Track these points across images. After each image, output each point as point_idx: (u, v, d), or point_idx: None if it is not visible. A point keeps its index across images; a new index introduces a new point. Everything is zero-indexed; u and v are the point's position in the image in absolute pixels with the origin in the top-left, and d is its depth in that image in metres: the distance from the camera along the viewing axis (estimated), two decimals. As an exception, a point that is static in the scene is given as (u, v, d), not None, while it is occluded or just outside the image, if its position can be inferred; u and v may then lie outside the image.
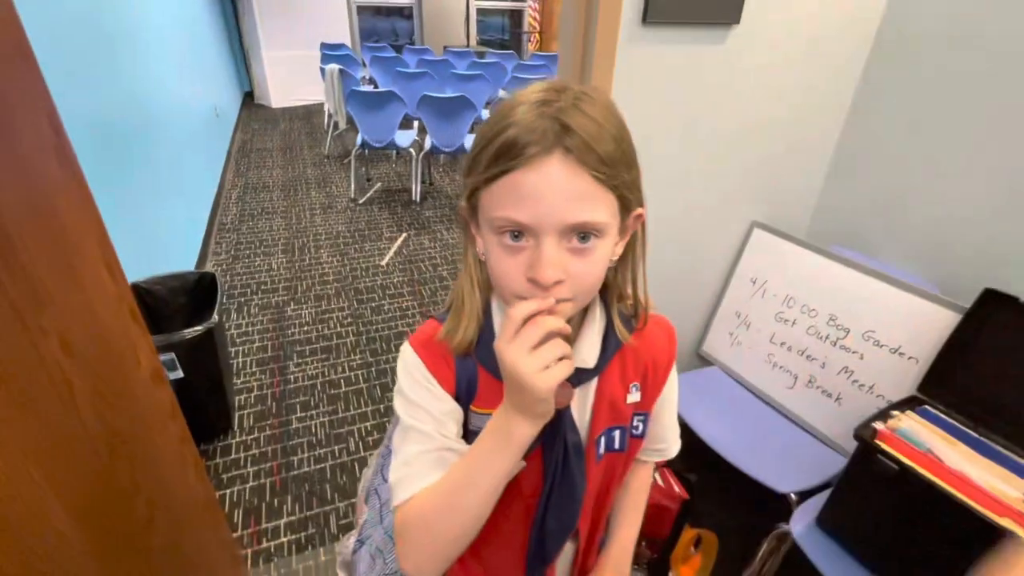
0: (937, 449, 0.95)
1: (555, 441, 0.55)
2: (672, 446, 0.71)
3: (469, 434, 0.57)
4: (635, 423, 0.62)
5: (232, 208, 3.64)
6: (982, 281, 1.07)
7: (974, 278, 1.10)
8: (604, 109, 0.46)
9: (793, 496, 1.19)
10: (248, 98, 6.77)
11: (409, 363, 0.57)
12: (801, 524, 1.11)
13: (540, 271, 0.45)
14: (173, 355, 1.55)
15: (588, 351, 0.56)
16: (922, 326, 1.14)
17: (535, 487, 0.58)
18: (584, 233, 0.46)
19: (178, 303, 1.85)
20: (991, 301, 1.03)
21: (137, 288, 1.76)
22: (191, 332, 1.56)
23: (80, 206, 0.76)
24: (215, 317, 1.63)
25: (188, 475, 1.03)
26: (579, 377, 0.55)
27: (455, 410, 0.56)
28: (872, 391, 1.22)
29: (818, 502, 1.14)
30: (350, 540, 0.86)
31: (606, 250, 0.49)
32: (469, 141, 3.70)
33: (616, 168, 0.46)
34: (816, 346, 1.32)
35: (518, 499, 0.58)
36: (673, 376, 0.66)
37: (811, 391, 1.33)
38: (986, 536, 0.83)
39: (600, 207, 0.46)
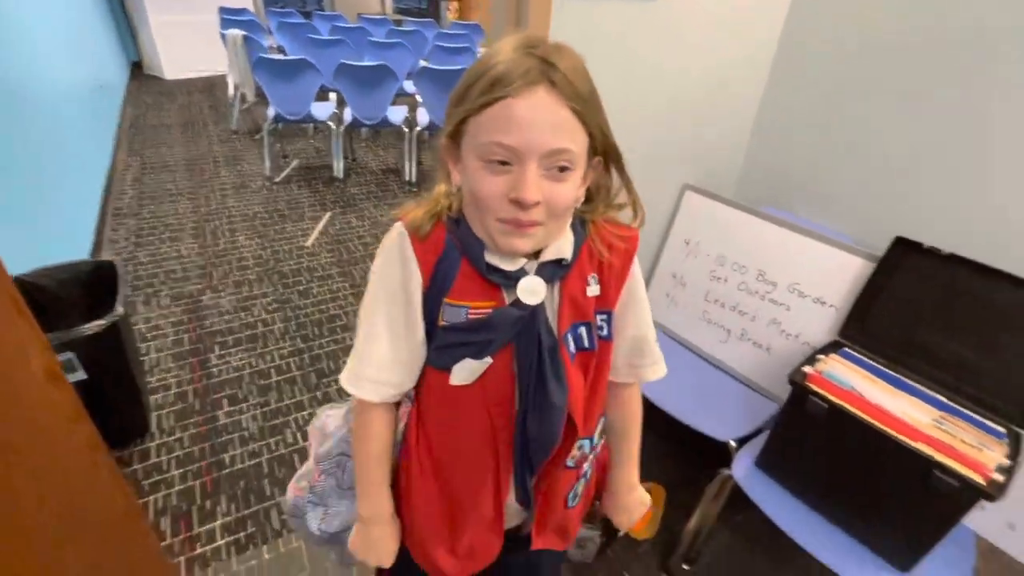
0: (860, 387, 1.03)
1: (528, 344, 0.59)
2: (654, 366, 0.72)
3: (440, 331, 0.61)
4: (599, 322, 0.65)
5: (128, 191, 3.27)
6: (894, 232, 1.15)
7: (887, 230, 1.18)
8: (577, 59, 0.54)
9: (732, 443, 1.26)
10: (137, 69, 6.07)
11: (394, 236, 0.60)
12: (742, 467, 1.18)
13: (524, 191, 0.51)
14: (71, 355, 1.37)
15: (564, 246, 0.60)
16: (841, 276, 1.22)
17: (502, 395, 0.62)
18: (561, 165, 0.52)
19: (72, 297, 1.63)
20: (901, 248, 1.12)
21: (21, 283, 1.54)
22: (91, 327, 1.38)
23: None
24: (119, 309, 1.46)
25: (103, 484, 0.92)
26: (553, 272, 0.60)
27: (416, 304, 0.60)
28: (798, 339, 1.30)
29: (755, 446, 1.21)
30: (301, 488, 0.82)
31: (576, 182, 0.55)
32: (392, 113, 3.54)
33: (589, 105, 0.53)
34: (747, 301, 1.39)
35: (481, 412, 0.63)
36: (636, 282, 0.67)
37: (743, 344, 1.41)
38: (904, 460, 0.91)
39: (576, 138, 0.52)
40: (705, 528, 1.37)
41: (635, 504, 0.83)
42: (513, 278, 0.58)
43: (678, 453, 1.72)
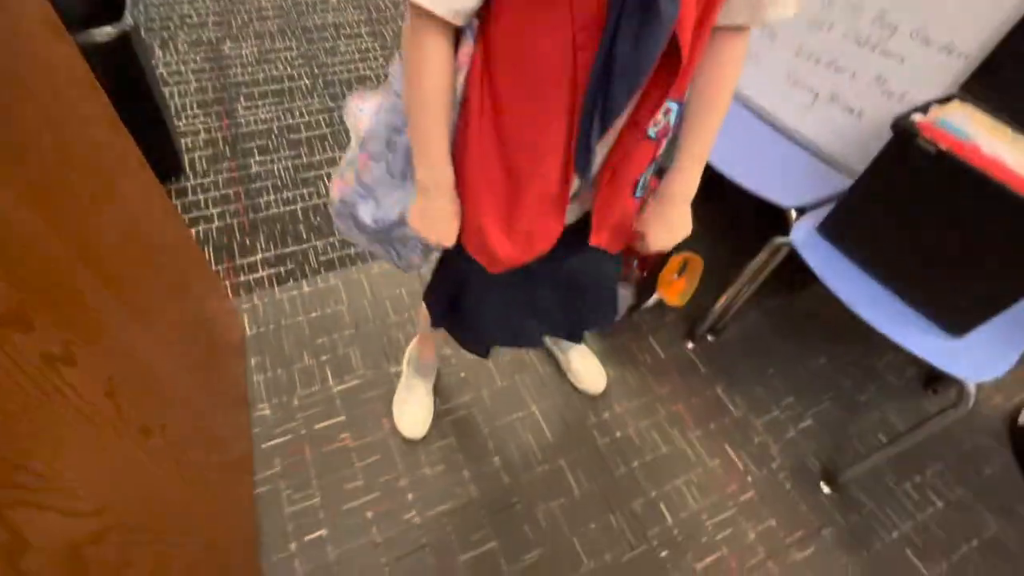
0: (979, 138, 0.87)
1: None
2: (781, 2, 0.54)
3: None
4: None
5: (127, -78, 2.84)
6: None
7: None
8: None
9: (794, 214, 1.16)
10: None
11: None
12: (801, 232, 1.10)
13: None
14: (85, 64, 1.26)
15: None
16: (987, 13, 0.98)
17: (593, 10, 0.47)
18: None
19: (79, 12, 1.47)
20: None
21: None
22: (102, 33, 1.25)
23: None
24: (128, 19, 1.30)
25: (129, 163, 0.88)
26: None
27: None
28: (903, 100, 1.11)
29: (818, 216, 1.11)
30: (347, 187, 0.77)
31: None
32: None
33: None
34: (850, 53, 1.16)
35: (563, 31, 0.49)
36: None
37: (831, 108, 1.22)
38: (1011, 215, 0.80)
39: None
40: (738, 302, 1.35)
41: (683, 222, 0.71)
42: None
43: (726, 231, 1.65)
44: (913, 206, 0.92)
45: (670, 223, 0.70)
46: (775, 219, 1.18)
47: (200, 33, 2.21)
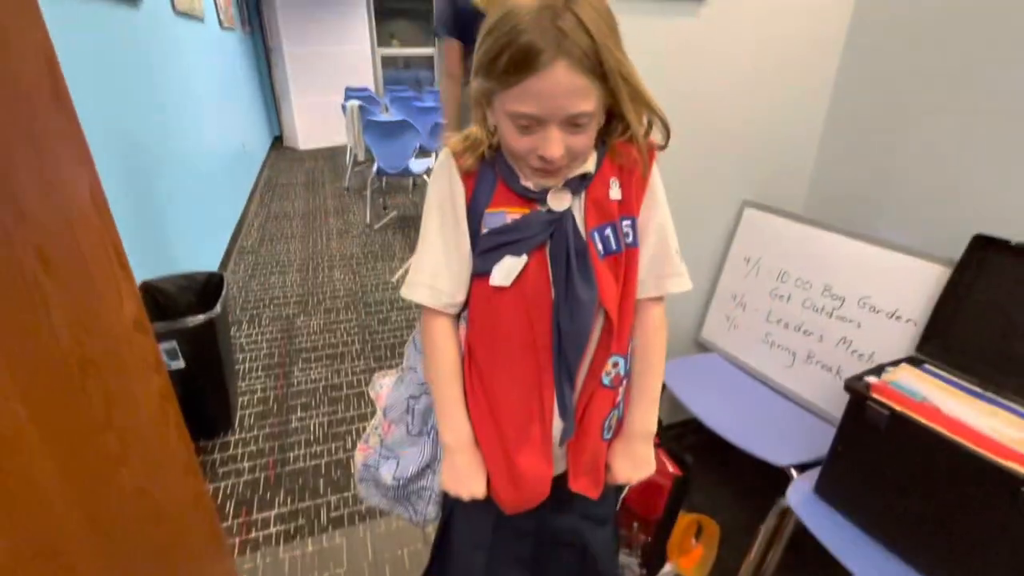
0: (934, 398, 0.89)
1: (559, 244, 0.65)
2: (678, 277, 0.73)
3: (482, 239, 0.68)
4: (624, 228, 0.68)
5: (253, 233, 3.78)
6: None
7: (969, 235, 1.06)
8: (591, 7, 0.56)
9: (793, 472, 1.13)
10: (277, 141, 7.14)
11: (442, 157, 0.69)
12: (799, 494, 1.05)
13: (548, 150, 0.58)
14: (175, 343, 1.59)
15: (588, 163, 0.66)
16: (917, 286, 1.10)
17: (540, 298, 0.67)
18: (580, 123, 0.58)
19: (187, 301, 1.90)
20: (982, 247, 0.99)
21: (149, 286, 1.83)
22: (193, 320, 1.60)
23: (64, 130, 0.78)
24: (218, 308, 1.67)
25: (169, 432, 1.03)
26: (579, 184, 0.66)
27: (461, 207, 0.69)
28: (872, 359, 1.16)
29: (816, 473, 1.07)
30: (369, 455, 0.89)
31: (594, 125, 0.61)
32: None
33: (605, 50, 0.55)
34: (812, 319, 1.28)
35: (521, 315, 0.67)
36: (656, 189, 0.71)
37: (810, 367, 1.28)
38: (988, 480, 0.77)
39: (591, 98, 0.57)
40: (768, 572, 1.20)
41: (644, 457, 0.77)
42: (544, 194, 0.66)
43: (736, 484, 1.55)
44: (887, 467, 0.89)
45: (632, 456, 0.77)
46: (786, 477, 1.14)
47: (282, 310, 2.70)
